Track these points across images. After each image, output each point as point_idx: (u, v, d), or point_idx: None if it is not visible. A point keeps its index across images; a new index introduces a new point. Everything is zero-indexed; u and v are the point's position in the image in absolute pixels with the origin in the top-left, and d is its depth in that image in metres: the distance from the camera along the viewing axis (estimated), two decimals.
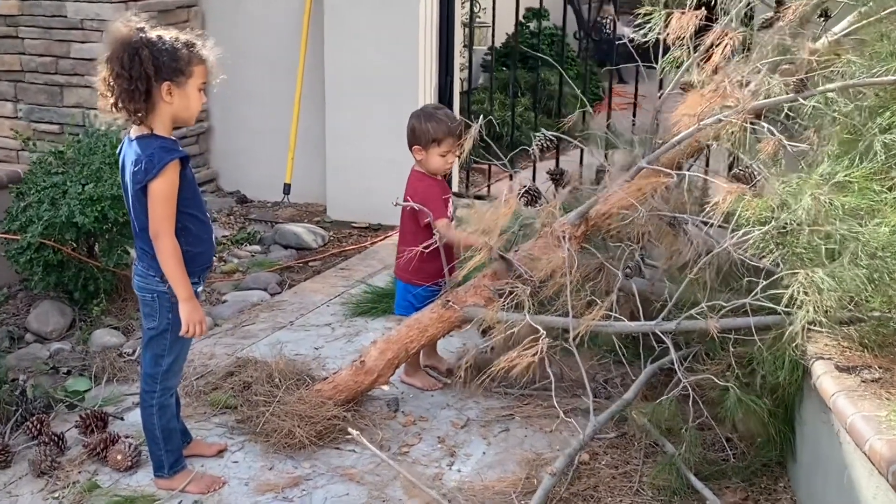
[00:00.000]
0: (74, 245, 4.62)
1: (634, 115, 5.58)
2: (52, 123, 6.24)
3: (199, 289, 3.29)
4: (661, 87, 5.31)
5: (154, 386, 3.29)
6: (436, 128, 3.83)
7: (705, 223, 3.58)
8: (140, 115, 3.03)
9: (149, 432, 3.35)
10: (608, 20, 10.98)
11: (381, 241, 5.97)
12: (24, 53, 6.22)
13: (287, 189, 6.46)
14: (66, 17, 6.06)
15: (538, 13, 9.45)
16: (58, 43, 6.12)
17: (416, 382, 4.05)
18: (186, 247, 3.12)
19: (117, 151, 3.24)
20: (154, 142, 3.06)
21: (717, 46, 3.40)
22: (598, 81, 9.83)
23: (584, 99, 4.41)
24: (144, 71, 2.98)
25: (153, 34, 3.04)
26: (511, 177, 5.84)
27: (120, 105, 3.02)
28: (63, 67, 6.16)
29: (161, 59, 3.00)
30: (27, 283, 4.75)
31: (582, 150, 5.06)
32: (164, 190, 3.03)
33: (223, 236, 6.01)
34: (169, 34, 3.07)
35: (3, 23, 6.19)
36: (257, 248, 5.91)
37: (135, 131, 3.10)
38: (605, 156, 4.87)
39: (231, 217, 6.44)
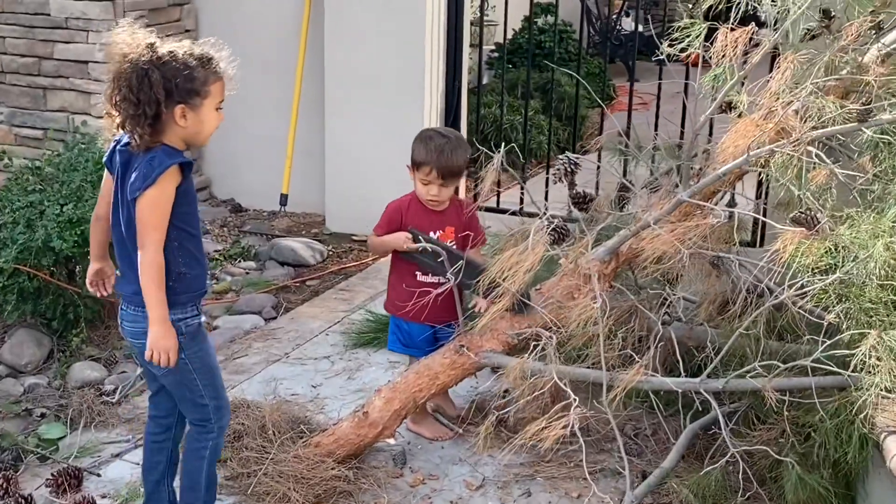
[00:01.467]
0: (52, 270, 4.22)
1: (657, 128, 5.16)
2: (35, 128, 5.85)
3: (203, 319, 2.92)
4: (686, 90, 4.95)
5: (210, 427, 2.93)
6: (420, 152, 3.45)
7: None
8: (147, 139, 2.65)
9: (190, 479, 2.97)
10: (619, 16, 10.61)
11: (382, 257, 5.57)
12: (5, 53, 5.82)
13: (284, 200, 6.06)
14: (49, 15, 5.66)
15: (546, 9, 9.09)
16: (41, 43, 5.72)
17: (424, 431, 3.66)
18: (183, 268, 2.76)
19: (104, 158, 2.85)
20: (159, 148, 2.68)
21: (777, 70, 3.00)
22: (609, 80, 9.45)
23: (595, 102, 4.03)
24: (154, 95, 2.61)
25: (164, 50, 2.65)
26: (522, 188, 5.44)
27: (127, 128, 2.66)
28: (46, 69, 5.76)
29: (174, 81, 2.63)
30: (1, 310, 4.36)
31: (599, 160, 4.67)
32: (157, 196, 2.65)
33: (215, 251, 5.61)
34: (182, 49, 2.68)
35: None
36: (252, 264, 5.52)
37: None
38: (625, 168, 4.50)
39: (224, 229, 6.04)
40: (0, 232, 4.20)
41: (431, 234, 3.48)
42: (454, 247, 3.49)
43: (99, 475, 3.40)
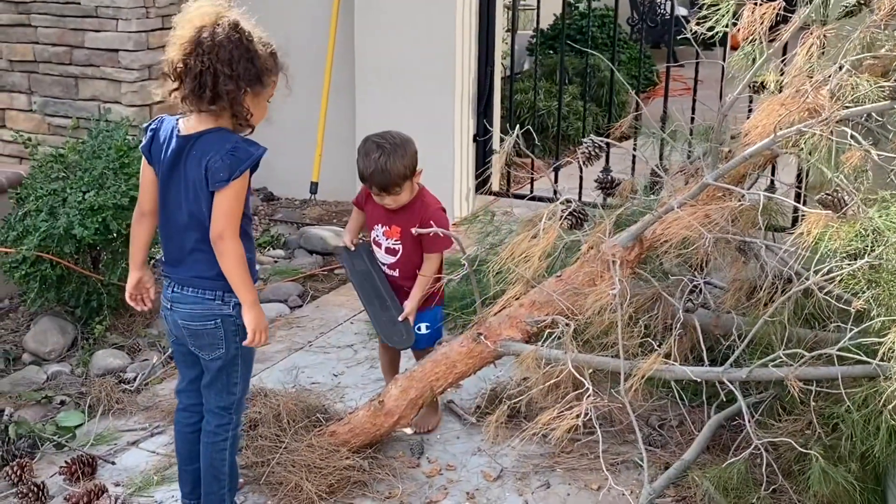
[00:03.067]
0: (76, 258, 4.21)
1: (694, 111, 5.01)
2: (66, 117, 5.84)
3: None
4: (723, 75, 4.80)
5: (229, 418, 2.90)
6: (359, 167, 3.33)
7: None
8: (202, 112, 2.63)
9: (214, 471, 2.93)
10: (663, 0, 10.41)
11: None
12: (37, 42, 5.82)
13: (314, 188, 6.01)
14: (79, 3, 5.65)
15: None
16: (72, 32, 5.71)
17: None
18: (248, 253, 2.74)
19: (142, 147, 2.76)
20: (229, 134, 2.66)
21: (801, 45, 2.86)
22: (652, 65, 9.27)
23: (635, 86, 3.89)
24: (231, 72, 2.56)
25: (247, 29, 2.60)
26: (556, 176, 5.32)
27: (188, 102, 2.62)
28: (77, 58, 5.75)
29: (247, 64, 2.59)
30: (24, 298, 4.36)
31: (634, 150, 4.54)
32: (242, 187, 2.64)
33: None
34: (257, 33, 2.63)
35: (15, 10, 5.80)
36: (281, 252, 5.48)
37: (196, 124, 2.67)
38: (661, 154, 4.37)
39: (255, 217, 6.00)
40: (24, 220, 4.21)
41: (378, 226, 3.43)
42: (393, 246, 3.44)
43: (114, 463, 3.38)
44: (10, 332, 4.46)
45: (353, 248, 3.52)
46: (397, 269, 3.44)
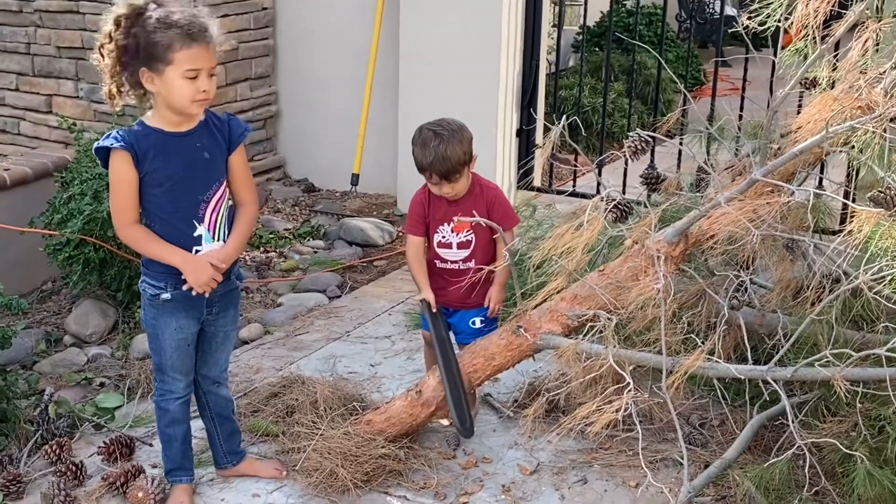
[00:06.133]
0: (119, 242, 4.23)
1: (742, 109, 4.94)
2: None
3: None
4: (773, 73, 4.71)
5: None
6: (417, 157, 3.30)
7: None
8: (130, 96, 2.77)
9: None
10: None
11: None
12: (85, 30, 5.86)
13: (355, 180, 6.01)
14: None
15: None
16: None
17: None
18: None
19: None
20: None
21: (856, 40, 2.80)
22: (700, 65, 9.17)
23: (683, 85, 3.83)
24: (119, 52, 2.67)
25: (148, 13, 2.65)
26: (599, 172, 5.27)
27: (108, 80, 2.74)
28: None
29: (137, 41, 2.64)
30: (67, 281, 4.40)
31: (681, 144, 4.47)
32: (111, 175, 2.81)
33: (285, 229, 5.59)
34: (158, 13, 2.64)
35: None
36: (320, 243, 5.48)
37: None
38: (707, 152, 4.30)
39: (296, 208, 6.02)
40: (68, 203, 4.24)
41: (444, 225, 3.35)
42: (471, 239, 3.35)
43: (151, 445, 3.39)
44: (52, 314, 4.51)
45: (434, 310, 3.36)
46: (474, 260, 3.35)
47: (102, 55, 2.71)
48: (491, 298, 3.35)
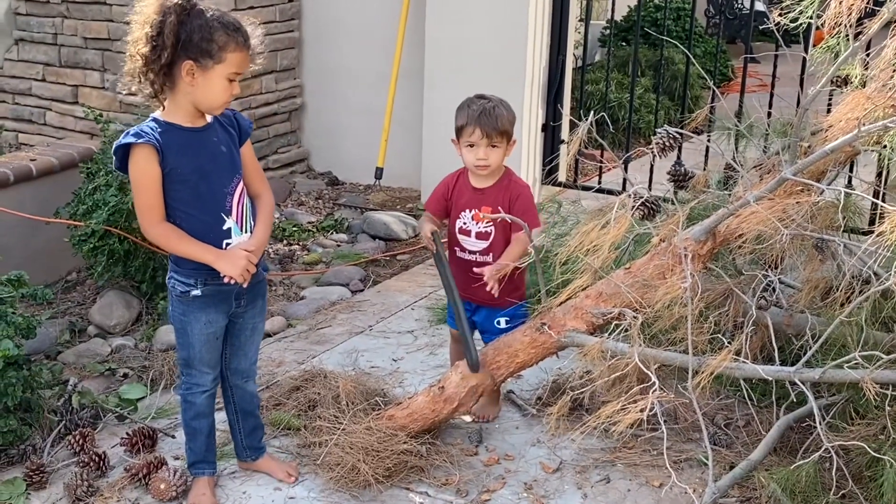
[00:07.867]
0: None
1: (771, 105, 4.88)
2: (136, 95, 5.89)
3: None
4: (803, 70, 4.66)
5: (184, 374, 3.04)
6: (460, 117, 3.29)
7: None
8: (156, 88, 2.66)
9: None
10: None
11: None
12: (111, 21, 5.88)
13: (379, 173, 5.99)
14: None
15: None
16: None
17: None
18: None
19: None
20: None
21: (891, 38, 2.75)
22: (728, 60, 9.09)
23: (712, 81, 3.78)
24: (165, 40, 2.58)
25: (198, 6, 2.62)
26: (625, 167, 5.23)
27: (137, 77, 2.66)
28: None
29: (191, 35, 2.59)
30: (91, 272, 4.41)
31: (708, 141, 4.42)
32: (133, 173, 2.74)
33: (308, 222, 5.59)
34: (212, 12, 2.64)
35: None
36: (344, 237, 5.48)
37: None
38: (735, 149, 4.26)
39: (320, 201, 6.02)
40: (93, 194, 4.25)
41: (466, 211, 3.34)
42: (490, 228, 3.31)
43: (174, 437, 3.39)
44: (76, 304, 4.53)
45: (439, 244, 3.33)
46: (490, 255, 3.33)
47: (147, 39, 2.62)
48: (485, 271, 3.20)
